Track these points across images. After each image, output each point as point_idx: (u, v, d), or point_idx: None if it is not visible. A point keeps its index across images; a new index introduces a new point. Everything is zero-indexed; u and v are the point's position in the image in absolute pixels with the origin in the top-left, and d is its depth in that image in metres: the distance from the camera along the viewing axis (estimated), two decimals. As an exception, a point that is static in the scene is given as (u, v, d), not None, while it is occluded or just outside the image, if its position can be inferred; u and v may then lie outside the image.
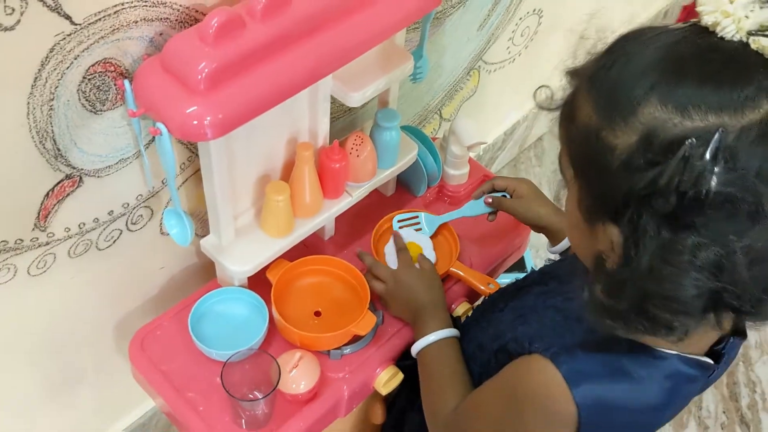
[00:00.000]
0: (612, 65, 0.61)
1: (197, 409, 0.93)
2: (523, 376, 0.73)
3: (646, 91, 0.57)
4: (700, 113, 0.55)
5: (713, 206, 0.55)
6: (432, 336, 0.92)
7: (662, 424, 0.77)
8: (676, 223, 0.56)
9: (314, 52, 0.80)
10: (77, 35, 0.73)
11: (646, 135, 0.57)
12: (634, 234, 0.58)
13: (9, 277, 0.85)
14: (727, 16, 0.57)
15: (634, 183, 0.57)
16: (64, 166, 0.81)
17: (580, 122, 0.62)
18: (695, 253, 0.56)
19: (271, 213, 0.95)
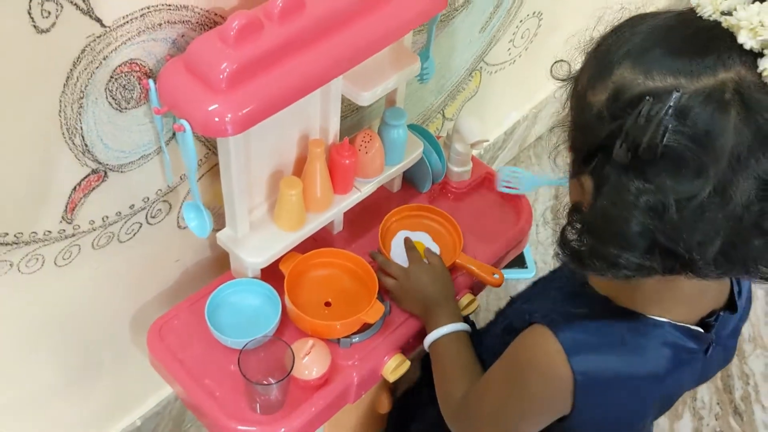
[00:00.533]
0: (608, 38, 0.68)
1: (213, 395, 0.97)
2: (525, 345, 0.78)
3: (622, 56, 0.65)
4: (660, 75, 0.61)
5: (663, 157, 0.60)
6: (444, 329, 0.97)
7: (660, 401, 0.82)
8: (630, 172, 0.62)
9: (327, 53, 0.85)
10: (106, 37, 0.77)
11: (615, 92, 0.64)
12: (598, 181, 0.65)
13: (37, 267, 0.89)
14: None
15: (600, 133, 0.64)
16: (91, 161, 0.86)
17: (577, 91, 0.70)
18: (639, 195, 0.62)
19: (284, 207, 1.00)
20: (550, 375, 0.74)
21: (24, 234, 0.85)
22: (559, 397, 0.75)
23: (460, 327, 0.98)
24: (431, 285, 1.02)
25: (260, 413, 0.95)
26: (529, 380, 0.77)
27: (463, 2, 1.29)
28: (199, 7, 0.83)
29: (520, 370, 0.78)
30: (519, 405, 0.80)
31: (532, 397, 0.78)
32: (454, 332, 0.97)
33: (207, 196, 1.05)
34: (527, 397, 0.78)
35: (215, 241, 1.02)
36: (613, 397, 0.76)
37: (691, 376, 0.82)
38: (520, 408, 0.80)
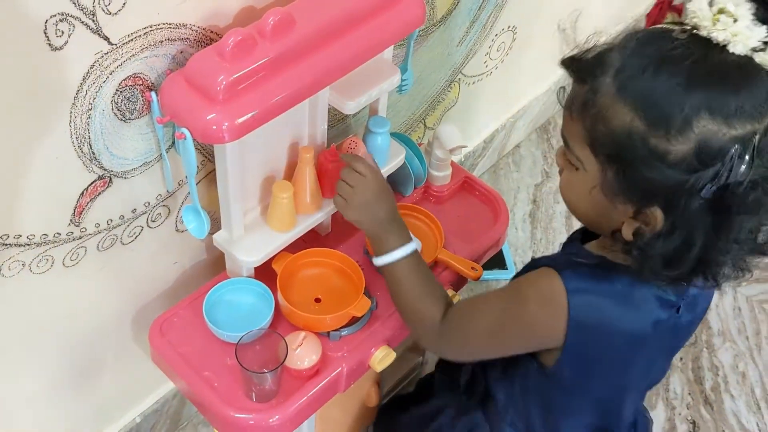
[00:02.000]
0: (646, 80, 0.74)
1: (213, 386, 1.03)
2: (530, 278, 0.87)
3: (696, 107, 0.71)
4: (740, 122, 0.71)
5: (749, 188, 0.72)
6: (399, 252, 0.98)
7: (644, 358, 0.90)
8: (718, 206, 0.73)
9: (315, 67, 0.92)
10: (113, 53, 0.84)
11: (701, 144, 0.72)
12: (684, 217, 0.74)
13: (47, 267, 0.96)
14: (735, 35, 0.71)
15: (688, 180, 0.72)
16: (97, 168, 0.93)
17: (615, 126, 0.75)
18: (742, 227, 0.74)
19: (276, 209, 1.07)
20: (550, 303, 0.83)
21: (36, 236, 0.91)
22: (553, 325, 0.84)
23: (414, 246, 1.00)
24: (386, 198, 1.01)
25: (256, 401, 1.02)
26: (529, 302, 0.86)
27: (441, 18, 1.37)
28: (197, 26, 0.91)
29: (524, 294, 0.87)
30: (517, 323, 0.88)
31: (531, 317, 0.86)
32: (410, 253, 0.99)
33: (203, 200, 1.11)
34: (525, 317, 0.87)
35: (211, 244, 1.09)
36: (601, 341, 0.85)
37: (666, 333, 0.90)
38: (517, 326, 0.88)
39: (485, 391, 1.07)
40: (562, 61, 0.82)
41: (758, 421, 1.59)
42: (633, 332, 0.85)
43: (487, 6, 1.48)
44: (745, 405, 1.61)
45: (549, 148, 2.05)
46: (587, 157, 0.79)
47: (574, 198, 0.86)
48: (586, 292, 0.83)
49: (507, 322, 0.90)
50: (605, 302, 0.83)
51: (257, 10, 0.96)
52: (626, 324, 0.84)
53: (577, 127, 0.80)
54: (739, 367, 1.67)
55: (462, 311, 0.95)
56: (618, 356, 0.88)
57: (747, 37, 0.71)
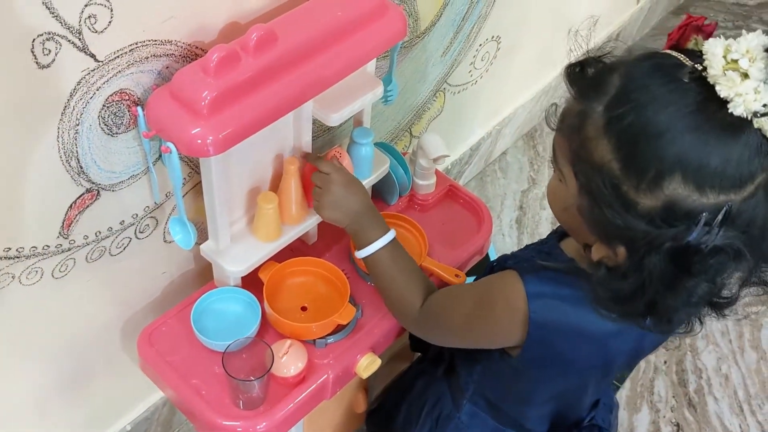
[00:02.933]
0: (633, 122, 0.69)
1: (200, 394, 1.05)
2: (498, 280, 0.90)
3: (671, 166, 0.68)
4: (714, 192, 0.68)
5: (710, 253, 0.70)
6: (379, 242, 1.02)
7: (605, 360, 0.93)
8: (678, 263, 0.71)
9: (298, 80, 0.94)
10: (99, 70, 0.86)
11: (668, 204, 0.69)
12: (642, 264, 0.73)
13: (36, 279, 0.98)
14: (739, 96, 0.66)
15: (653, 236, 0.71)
16: (85, 181, 0.95)
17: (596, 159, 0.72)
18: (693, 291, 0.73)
19: (262, 220, 1.09)
20: (513, 308, 0.87)
21: (25, 248, 0.93)
22: (513, 328, 0.88)
23: (391, 235, 1.03)
24: (358, 192, 1.04)
25: (243, 409, 1.04)
26: (495, 305, 0.90)
27: (425, 29, 1.39)
28: (182, 42, 0.93)
29: (491, 296, 0.91)
30: (484, 322, 0.93)
31: (496, 320, 0.90)
32: (390, 241, 1.03)
33: (190, 211, 1.13)
34: (492, 318, 0.91)
35: (199, 254, 1.11)
36: (562, 344, 0.88)
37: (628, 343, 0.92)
38: (484, 325, 0.93)
39: (450, 365, 1.12)
40: (566, 68, 0.78)
41: (741, 422, 1.61)
42: (593, 333, 0.87)
43: (471, 17, 1.50)
44: (728, 407, 1.63)
45: (535, 155, 2.08)
46: (569, 175, 0.78)
47: (554, 205, 0.88)
48: (545, 296, 0.86)
49: (475, 320, 0.94)
50: (564, 306, 0.85)
51: (241, 26, 0.98)
52: (586, 325, 0.86)
53: (563, 143, 0.78)
54: (722, 369, 1.69)
55: (437, 304, 1.00)
56: (579, 355, 0.91)
57: (752, 100, 0.66)
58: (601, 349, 0.90)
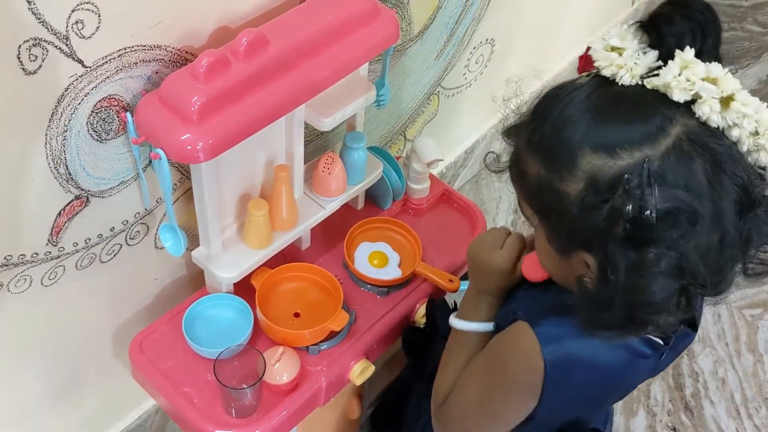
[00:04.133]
0: (542, 126, 0.75)
1: (192, 402, 1.04)
2: (508, 337, 0.86)
3: (578, 144, 0.71)
4: (626, 152, 0.69)
5: (659, 221, 0.68)
6: (476, 325, 0.96)
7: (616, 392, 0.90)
8: (636, 243, 0.69)
9: (289, 85, 0.94)
10: (88, 76, 0.85)
11: (590, 179, 0.70)
12: (605, 259, 0.72)
13: (25, 287, 0.97)
14: (621, 67, 0.72)
15: (593, 219, 0.70)
16: (74, 188, 0.94)
17: (531, 178, 0.76)
18: (658, 262, 0.69)
19: (252, 227, 1.08)
20: (528, 361, 0.82)
21: (13, 256, 0.92)
22: (533, 381, 0.82)
23: (485, 327, 0.96)
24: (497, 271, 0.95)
25: (236, 417, 1.03)
26: (509, 365, 0.84)
27: (418, 33, 1.39)
28: (171, 47, 0.92)
29: (502, 357, 0.86)
30: (500, 389, 0.87)
31: (513, 380, 0.84)
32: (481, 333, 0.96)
33: (182, 217, 1.12)
34: (508, 380, 0.85)
35: (190, 260, 1.10)
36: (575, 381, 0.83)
37: (642, 375, 0.90)
38: (502, 391, 0.87)
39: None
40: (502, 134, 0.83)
41: (738, 426, 1.60)
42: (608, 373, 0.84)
43: (465, 20, 1.50)
44: (725, 411, 1.63)
45: (530, 157, 2.07)
46: (530, 212, 0.79)
47: (542, 260, 0.85)
48: (558, 338, 0.81)
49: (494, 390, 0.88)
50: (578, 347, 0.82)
51: (231, 31, 0.97)
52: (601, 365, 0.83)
53: (516, 187, 0.81)
54: (719, 373, 1.69)
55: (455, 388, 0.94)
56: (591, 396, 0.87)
57: (632, 67, 0.71)
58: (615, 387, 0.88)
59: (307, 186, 1.17)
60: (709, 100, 0.69)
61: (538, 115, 0.77)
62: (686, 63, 0.70)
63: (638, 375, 0.89)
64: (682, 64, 0.70)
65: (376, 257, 1.20)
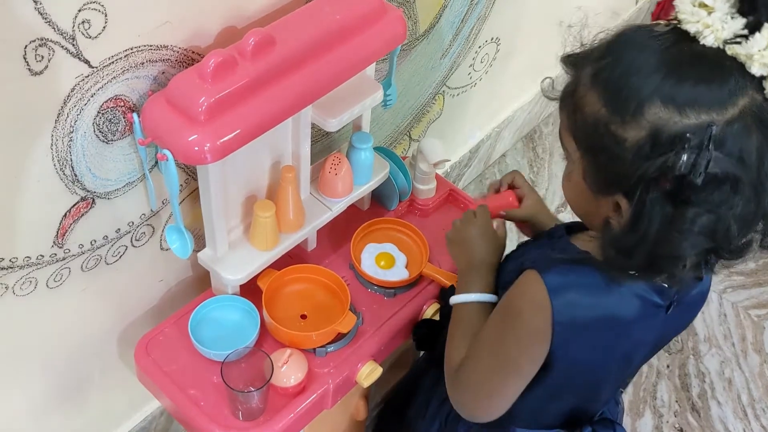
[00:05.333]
0: (613, 67, 0.75)
1: (199, 405, 1.03)
2: (517, 286, 0.87)
3: (649, 94, 0.71)
4: (694, 112, 0.70)
5: (705, 184, 0.69)
6: (473, 296, 0.98)
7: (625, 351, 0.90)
8: (677, 199, 0.71)
9: (297, 86, 0.93)
10: (94, 76, 0.84)
11: (653, 131, 0.71)
12: (643, 207, 0.73)
13: (30, 289, 0.96)
14: (707, 27, 0.71)
15: (644, 168, 0.72)
16: (80, 189, 0.93)
17: (587, 113, 0.77)
18: (694, 221, 0.71)
19: (258, 229, 1.07)
20: (537, 304, 0.83)
21: (19, 258, 0.91)
22: (543, 324, 0.83)
23: (487, 298, 0.98)
24: (481, 246, 1.02)
25: (242, 420, 1.02)
26: (521, 311, 0.85)
27: (424, 32, 1.38)
28: (178, 47, 0.91)
29: (513, 304, 0.87)
30: (515, 334, 0.86)
31: (523, 325, 0.85)
32: (479, 302, 0.98)
33: (188, 219, 1.12)
34: (519, 325, 0.86)
35: (196, 261, 1.09)
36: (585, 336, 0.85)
37: (652, 332, 0.91)
38: (516, 337, 0.86)
39: None
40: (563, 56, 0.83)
41: (745, 427, 1.60)
42: (616, 319, 0.85)
43: (470, 19, 1.49)
44: (732, 411, 1.62)
45: (534, 156, 2.07)
46: (572, 147, 0.81)
47: (567, 189, 0.86)
48: (565, 286, 0.83)
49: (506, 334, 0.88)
50: (585, 295, 0.83)
51: (238, 30, 0.96)
52: (608, 309, 0.84)
53: (563, 117, 0.82)
54: (725, 373, 1.68)
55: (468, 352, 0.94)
56: (601, 343, 0.88)
57: (718, 29, 0.70)
58: (624, 336, 0.88)
59: (314, 187, 1.16)
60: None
61: (612, 53, 0.76)
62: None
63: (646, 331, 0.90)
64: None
65: (382, 258, 1.19)
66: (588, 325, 0.85)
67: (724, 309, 1.78)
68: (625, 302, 0.84)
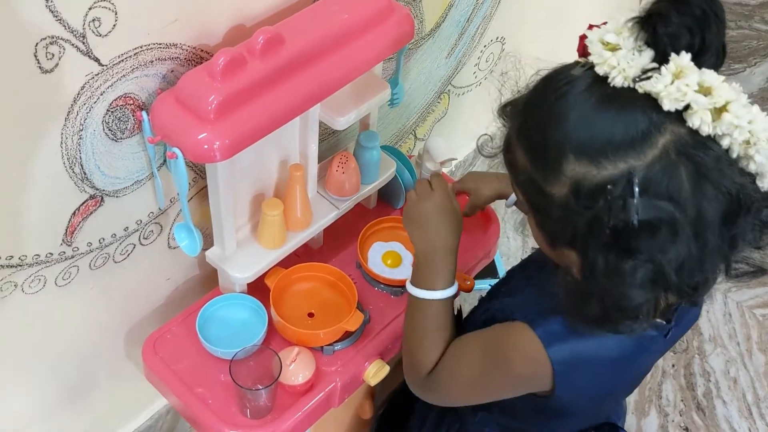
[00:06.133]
0: (531, 119, 0.73)
1: (207, 403, 1.03)
2: (507, 334, 0.85)
3: (562, 149, 0.69)
4: (610, 162, 0.67)
5: (640, 231, 0.66)
6: (438, 293, 0.93)
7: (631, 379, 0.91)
8: (616, 249, 0.68)
9: (305, 84, 0.93)
10: (104, 74, 0.85)
11: (573, 186, 0.69)
12: (585, 260, 0.71)
13: (39, 288, 0.96)
14: (613, 68, 0.68)
15: (575, 224, 0.70)
16: (89, 187, 0.93)
17: (520, 170, 0.75)
18: (634, 273, 0.68)
19: (266, 227, 1.07)
20: (532, 361, 0.82)
21: (28, 256, 0.92)
22: (541, 379, 0.83)
23: (451, 293, 0.94)
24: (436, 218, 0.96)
25: (250, 418, 1.02)
26: (513, 361, 0.84)
27: (430, 31, 1.38)
28: (187, 45, 0.91)
29: (504, 352, 0.85)
30: (502, 378, 0.87)
31: (517, 376, 0.85)
32: (446, 299, 0.94)
33: (195, 217, 1.12)
34: (512, 375, 0.85)
35: (204, 260, 1.09)
36: (588, 377, 0.84)
37: (654, 356, 0.91)
38: (503, 381, 0.87)
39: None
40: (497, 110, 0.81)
41: (750, 426, 1.60)
42: (614, 359, 0.84)
43: (476, 18, 1.49)
44: (737, 410, 1.62)
45: (539, 156, 2.06)
46: (522, 200, 0.79)
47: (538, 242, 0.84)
48: (561, 338, 0.81)
49: (493, 379, 0.88)
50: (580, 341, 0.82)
51: (247, 29, 0.97)
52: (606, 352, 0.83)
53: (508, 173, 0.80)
54: (730, 372, 1.68)
55: (443, 364, 0.93)
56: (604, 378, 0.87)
57: (624, 68, 0.67)
58: (626, 370, 0.88)
59: (321, 185, 1.16)
60: (701, 111, 0.66)
61: (529, 105, 0.75)
62: (680, 69, 0.66)
63: (648, 358, 0.90)
64: (676, 71, 0.66)
65: (389, 257, 1.19)
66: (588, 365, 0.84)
67: (729, 308, 1.78)
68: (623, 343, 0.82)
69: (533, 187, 0.73)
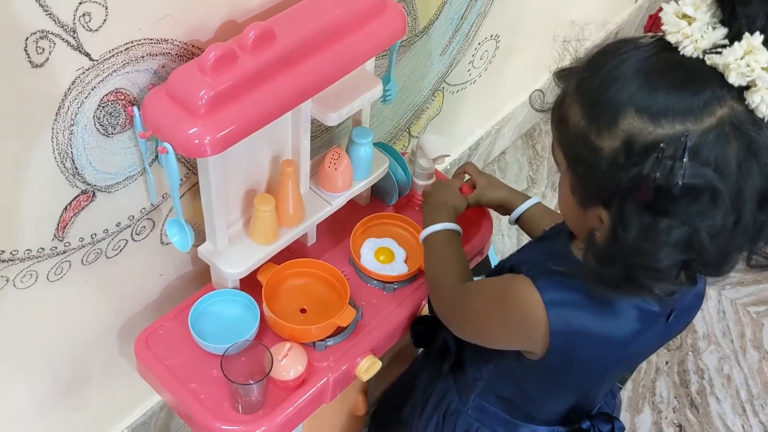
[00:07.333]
0: (593, 77, 0.76)
1: (199, 398, 1.04)
2: (513, 289, 0.87)
3: (624, 104, 0.72)
4: (668, 122, 0.69)
5: (682, 195, 0.69)
6: (438, 226, 1.09)
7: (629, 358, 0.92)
8: (653, 209, 0.70)
9: (297, 80, 0.93)
10: (94, 69, 0.85)
11: (627, 140, 0.71)
12: (620, 218, 0.73)
13: (31, 283, 0.96)
14: (686, 37, 0.71)
15: (619, 179, 0.72)
16: (81, 182, 0.93)
17: (570, 125, 0.78)
18: (669, 232, 0.71)
19: (258, 223, 1.07)
20: (530, 318, 0.85)
21: (19, 251, 0.92)
22: (534, 337, 0.85)
23: (453, 227, 1.10)
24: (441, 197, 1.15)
25: (242, 413, 1.02)
26: (511, 314, 0.87)
27: (423, 28, 1.38)
28: (178, 40, 0.91)
29: (506, 303, 0.88)
30: (499, 325, 0.91)
31: (512, 326, 0.88)
32: (446, 230, 1.09)
33: (188, 213, 1.12)
34: (508, 325, 0.89)
35: (196, 256, 1.09)
36: (583, 350, 0.86)
37: (652, 339, 0.91)
38: (500, 327, 0.91)
39: (457, 360, 1.08)
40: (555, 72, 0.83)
41: (743, 423, 1.60)
42: (613, 339, 0.86)
43: (470, 16, 1.49)
44: (731, 407, 1.62)
45: (534, 154, 2.07)
46: (561, 160, 0.81)
47: (560, 203, 0.87)
48: (563, 304, 0.83)
49: (490, 320, 0.92)
50: (582, 313, 0.84)
51: (238, 24, 0.97)
52: (606, 331, 0.85)
53: (553, 130, 0.83)
54: (724, 369, 1.68)
55: (467, 290, 0.99)
56: (599, 359, 0.89)
57: (697, 39, 0.70)
58: (623, 351, 0.89)
59: (313, 181, 1.16)
60: (763, 90, 0.69)
61: (593, 65, 0.77)
62: (751, 48, 0.69)
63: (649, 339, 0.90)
64: (747, 48, 0.69)
65: (382, 253, 1.20)
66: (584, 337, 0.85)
67: (723, 306, 1.79)
68: (621, 319, 0.84)
69: (582, 141, 0.75)
